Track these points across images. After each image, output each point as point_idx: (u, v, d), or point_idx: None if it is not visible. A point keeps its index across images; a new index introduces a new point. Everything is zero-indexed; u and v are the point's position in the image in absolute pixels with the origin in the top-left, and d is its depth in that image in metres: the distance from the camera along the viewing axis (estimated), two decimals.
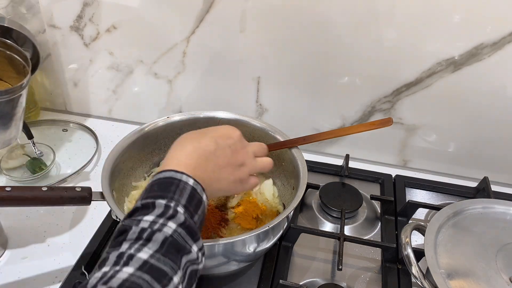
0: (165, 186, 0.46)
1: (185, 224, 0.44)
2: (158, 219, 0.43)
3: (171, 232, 0.42)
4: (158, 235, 0.41)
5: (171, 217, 0.43)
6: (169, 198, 0.45)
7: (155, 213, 0.43)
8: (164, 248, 0.41)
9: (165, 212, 0.44)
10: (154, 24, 0.88)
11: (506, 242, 0.62)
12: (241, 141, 0.57)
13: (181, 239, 0.43)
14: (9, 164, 0.88)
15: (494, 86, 0.80)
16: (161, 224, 0.42)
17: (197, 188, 0.48)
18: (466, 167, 0.93)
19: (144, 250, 0.40)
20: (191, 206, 0.46)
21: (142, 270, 0.38)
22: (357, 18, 0.78)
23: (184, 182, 0.47)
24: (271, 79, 0.90)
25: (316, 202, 0.83)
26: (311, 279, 0.70)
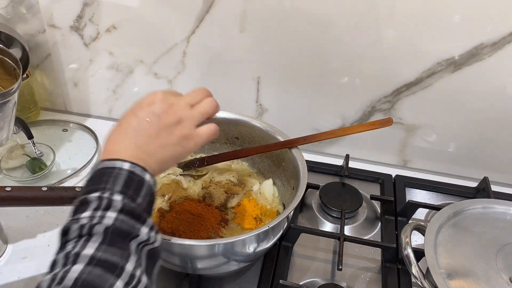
0: (97, 178, 0.45)
1: (126, 209, 0.43)
2: (95, 213, 0.42)
3: (111, 222, 0.42)
4: (98, 227, 0.41)
5: (107, 207, 0.43)
6: (101, 190, 0.44)
7: (91, 208, 0.43)
8: (108, 238, 0.41)
9: (99, 204, 0.43)
10: (154, 24, 0.88)
11: (506, 242, 0.62)
12: (166, 100, 0.52)
13: (124, 225, 0.42)
14: (9, 164, 0.88)
15: (494, 86, 0.80)
16: (99, 216, 0.42)
17: (135, 170, 0.46)
18: (466, 167, 0.93)
19: (88, 246, 0.40)
20: (130, 190, 0.45)
21: (91, 265, 0.38)
22: (357, 18, 0.78)
23: (119, 168, 0.45)
24: (271, 79, 0.90)
25: (316, 202, 0.83)
26: (311, 279, 0.70)
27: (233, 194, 0.74)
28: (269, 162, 0.79)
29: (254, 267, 0.71)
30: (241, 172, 0.81)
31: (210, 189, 0.75)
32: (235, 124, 0.79)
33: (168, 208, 0.71)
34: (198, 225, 0.67)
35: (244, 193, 0.76)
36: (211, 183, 0.77)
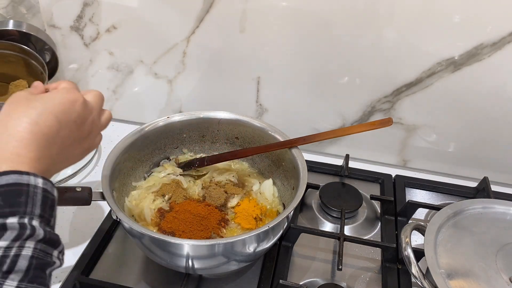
0: (13, 198, 0.38)
1: (46, 238, 0.39)
2: (14, 243, 0.37)
3: (31, 253, 0.37)
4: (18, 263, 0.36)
5: (28, 237, 0.38)
6: (21, 214, 0.38)
7: (9, 237, 0.37)
8: (30, 274, 0.37)
9: (21, 234, 0.37)
10: (154, 24, 0.88)
11: (506, 242, 0.62)
12: (85, 109, 0.48)
13: (43, 254, 0.39)
14: None
15: (494, 86, 0.80)
16: (18, 247, 0.37)
17: (47, 187, 0.41)
18: (466, 167, 0.93)
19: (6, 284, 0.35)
20: (46, 212, 0.40)
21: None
22: (357, 18, 0.78)
23: (34, 186, 0.40)
24: (271, 79, 0.90)
25: (316, 202, 0.83)
26: (311, 279, 0.70)
27: (233, 194, 0.74)
28: (269, 162, 0.79)
29: (254, 267, 0.71)
30: (241, 172, 0.81)
31: (210, 189, 0.75)
32: (235, 124, 0.79)
33: (168, 208, 0.71)
34: (198, 225, 0.67)
35: (244, 193, 0.76)
36: (211, 183, 0.77)
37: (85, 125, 0.48)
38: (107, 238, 0.74)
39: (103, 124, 0.52)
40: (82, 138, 0.48)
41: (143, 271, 0.70)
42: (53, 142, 0.44)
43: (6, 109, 0.44)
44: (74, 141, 0.47)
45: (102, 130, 0.53)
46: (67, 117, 0.45)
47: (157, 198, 0.73)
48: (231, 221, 0.70)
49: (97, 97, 0.51)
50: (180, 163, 0.80)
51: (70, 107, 0.46)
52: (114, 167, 0.67)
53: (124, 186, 0.72)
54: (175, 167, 0.79)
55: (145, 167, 0.78)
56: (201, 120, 0.79)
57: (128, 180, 0.74)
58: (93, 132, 0.50)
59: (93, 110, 0.50)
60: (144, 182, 0.77)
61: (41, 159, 0.42)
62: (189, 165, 0.79)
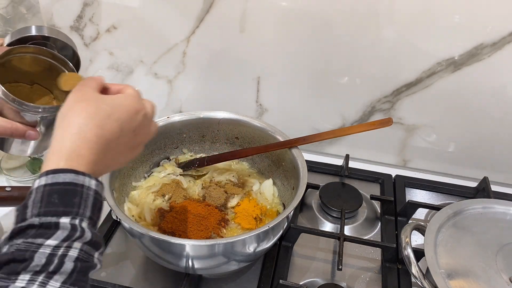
0: (68, 198, 0.39)
1: (92, 240, 0.39)
2: (63, 243, 0.37)
3: (76, 254, 0.38)
4: (66, 265, 0.36)
5: (77, 238, 0.38)
6: (73, 214, 0.39)
7: (60, 237, 0.37)
8: (73, 277, 0.37)
9: (71, 235, 0.38)
10: (154, 24, 0.88)
11: (506, 242, 0.62)
12: (145, 120, 0.48)
13: (86, 256, 0.39)
14: (9, 164, 0.88)
15: (494, 86, 0.80)
16: (65, 247, 0.37)
17: (98, 190, 0.42)
18: (466, 167, 0.93)
19: (50, 285, 0.35)
20: (95, 214, 0.41)
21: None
22: (357, 18, 0.78)
23: (87, 188, 0.41)
24: (271, 79, 0.90)
25: (316, 202, 0.83)
26: (311, 279, 0.70)
27: (233, 194, 0.74)
28: (269, 162, 0.79)
29: (254, 267, 0.71)
30: (241, 172, 0.81)
31: (210, 189, 0.75)
32: (235, 124, 0.79)
33: (168, 208, 0.71)
34: (198, 225, 0.67)
35: (244, 193, 0.76)
36: (211, 183, 0.77)
37: (140, 135, 0.48)
38: (107, 238, 0.74)
39: (150, 135, 0.52)
40: (134, 146, 0.49)
41: (143, 271, 0.70)
42: (112, 148, 0.44)
43: (73, 105, 0.44)
44: (128, 148, 0.47)
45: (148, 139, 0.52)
46: (128, 125, 0.46)
47: (157, 198, 0.73)
48: (231, 221, 0.70)
49: (154, 108, 0.51)
50: (180, 163, 0.80)
51: (133, 116, 0.46)
52: None
53: (124, 186, 0.72)
54: (175, 167, 0.79)
55: (145, 167, 0.78)
56: (201, 120, 0.79)
57: (128, 180, 0.74)
58: (142, 142, 0.50)
59: (150, 122, 0.50)
60: (144, 182, 0.77)
61: (98, 162, 0.43)
62: (189, 165, 0.79)
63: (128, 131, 0.46)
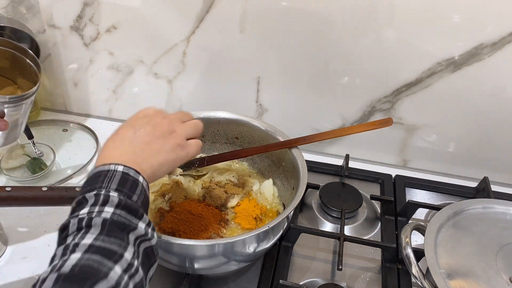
0: (93, 180, 0.47)
1: (122, 204, 0.44)
2: (93, 208, 0.43)
3: (109, 216, 0.43)
4: (96, 220, 0.42)
5: (104, 203, 0.44)
6: (98, 188, 0.45)
7: (89, 204, 0.44)
8: (106, 229, 0.42)
9: (97, 200, 0.44)
10: (154, 24, 0.88)
11: (506, 242, 0.62)
12: (159, 114, 0.57)
13: (122, 218, 0.44)
14: (9, 164, 0.88)
15: (494, 86, 0.80)
16: (97, 211, 0.43)
17: (129, 172, 0.48)
18: (466, 167, 0.93)
19: (87, 237, 0.41)
20: (125, 188, 0.46)
21: (89, 252, 0.39)
22: (357, 18, 0.78)
23: (113, 171, 0.47)
24: (271, 79, 0.90)
25: (316, 202, 0.83)
26: (311, 279, 0.70)
27: (233, 194, 0.74)
28: (269, 162, 0.79)
29: (254, 267, 0.71)
30: (241, 172, 0.81)
31: (210, 189, 0.75)
32: (235, 124, 0.79)
33: (168, 208, 0.71)
34: (198, 225, 0.67)
35: (244, 193, 0.76)
36: (211, 183, 0.77)
37: (162, 124, 0.55)
38: None
39: (188, 127, 0.58)
40: (163, 135, 0.54)
41: None
42: (132, 141, 0.52)
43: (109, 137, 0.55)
44: (155, 138, 0.54)
45: (189, 133, 0.58)
46: (139, 121, 0.55)
47: (157, 198, 0.73)
48: (231, 221, 0.70)
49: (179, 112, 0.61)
50: None
51: (143, 115, 0.57)
52: None
53: None
54: None
55: None
56: (201, 120, 0.78)
57: None
58: (175, 130, 0.56)
59: (170, 115, 0.58)
60: None
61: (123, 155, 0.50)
62: (189, 165, 0.79)
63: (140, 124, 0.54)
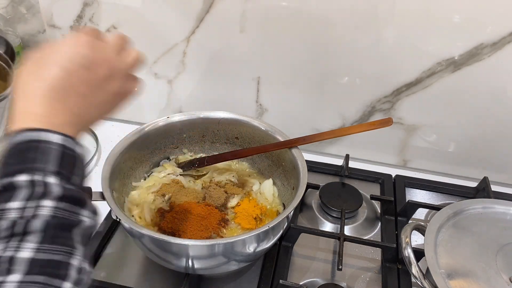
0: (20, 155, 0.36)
1: (63, 195, 0.36)
2: (27, 203, 0.34)
3: (51, 213, 0.35)
4: (35, 223, 0.34)
5: (43, 195, 0.35)
6: (30, 171, 0.35)
7: (21, 196, 0.34)
8: (48, 235, 0.34)
9: (33, 192, 0.35)
10: (154, 24, 0.88)
11: (506, 242, 0.62)
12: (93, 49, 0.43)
13: (66, 213, 0.36)
14: None
15: (494, 86, 0.80)
16: (34, 208, 0.34)
17: (66, 144, 0.38)
18: (466, 167, 0.93)
19: (25, 248, 0.33)
20: (65, 168, 0.37)
21: (31, 273, 0.32)
22: (357, 18, 0.78)
23: (45, 141, 0.37)
24: (271, 79, 0.90)
25: (316, 202, 0.83)
26: (311, 279, 0.70)
27: (233, 194, 0.74)
28: (269, 162, 0.79)
29: (254, 267, 0.71)
30: (241, 172, 0.80)
31: (210, 189, 0.75)
32: (235, 124, 0.79)
33: (168, 208, 0.71)
34: (198, 225, 0.67)
35: (244, 193, 0.76)
36: (211, 183, 0.77)
37: (99, 66, 0.43)
38: (107, 238, 0.74)
39: (127, 63, 0.47)
40: (100, 81, 0.43)
41: (143, 271, 0.70)
42: (65, 93, 0.40)
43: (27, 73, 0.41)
44: (92, 86, 0.42)
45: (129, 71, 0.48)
46: (72, 63, 0.41)
47: (157, 198, 0.73)
48: (231, 221, 0.70)
49: (113, 36, 0.47)
50: (180, 163, 0.80)
51: (74, 51, 0.42)
52: (114, 167, 0.67)
53: (124, 186, 0.72)
54: (175, 167, 0.79)
55: (145, 167, 0.78)
56: (201, 120, 0.79)
57: (128, 180, 0.74)
58: (114, 73, 0.45)
59: (106, 49, 0.45)
60: (144, 182, 0.77)
61: (57, 113, 0.39)
62: (189, 165, 0.79)
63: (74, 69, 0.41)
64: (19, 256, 0.32)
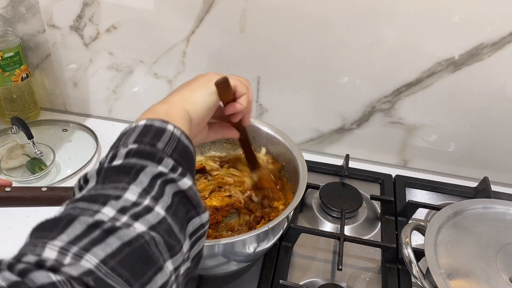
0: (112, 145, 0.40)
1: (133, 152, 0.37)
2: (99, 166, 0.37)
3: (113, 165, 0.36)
4: (91, 171, 0.36)
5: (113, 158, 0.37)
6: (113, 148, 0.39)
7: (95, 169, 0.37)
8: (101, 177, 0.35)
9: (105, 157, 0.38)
10: (154, 24, 0.88)
11: (506, 242, 0.62)
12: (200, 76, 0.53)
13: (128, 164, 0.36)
14: (9, 164, 0.88)
15: (494, 86, 0.80)
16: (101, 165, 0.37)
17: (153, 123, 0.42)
18: (466, 167, 0.93)
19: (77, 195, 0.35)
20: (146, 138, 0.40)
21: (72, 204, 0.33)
22: (357, 18, 0.78)
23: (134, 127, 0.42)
24: (271, 79, 0.90)
25: (316, 202, 0.83)
26: (311, 279, 0.70)
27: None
28: None
29: (254, 267, 0.71)
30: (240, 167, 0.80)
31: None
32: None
33: None
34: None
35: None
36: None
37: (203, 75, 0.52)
38: None
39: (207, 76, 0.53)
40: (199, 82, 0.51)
41: None
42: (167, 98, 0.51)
43: None
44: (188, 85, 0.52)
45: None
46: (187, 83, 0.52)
47: None
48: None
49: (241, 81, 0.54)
50: None
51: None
52: None
53: None
54: None
55: None
56: None
57: None
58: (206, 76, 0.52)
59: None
60: None
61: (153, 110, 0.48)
62: None
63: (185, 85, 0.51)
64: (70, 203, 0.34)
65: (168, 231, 0.32)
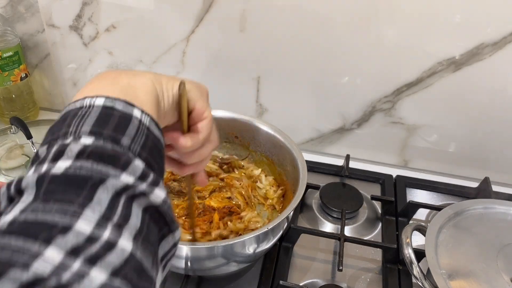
0: (57, 127, 0.32)
1: (88, 151, 0.29)
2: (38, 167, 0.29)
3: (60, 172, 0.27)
4: (29, 179, 0.28)
5: (57, 156, 0.29)
6: (59, 137, 0.31)
7: (35, 163, 0.30)
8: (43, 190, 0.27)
9: (47, 154, 0.29)
10: (153, 24, 0.88)
11: (507, 243, 0.62)
12: None
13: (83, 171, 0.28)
14: (8, 164, 0.88)
15: (495, 86, 0.80)
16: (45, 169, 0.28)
17: (114, 105, 0.33)
18: (467, 167, 0.92)
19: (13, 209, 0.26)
20: (107, 128, 0.31)
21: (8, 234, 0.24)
22: (357, 18, 0.78)
23: (87, 107, 0.34)
24: (271, 79, 0.90)
25: (316, 203, 0.83)
26: (311, 279, 0.70)
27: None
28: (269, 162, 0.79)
29: (254, 268, 0.70)
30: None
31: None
32: (234, 123, 0.79)
33: None
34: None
35: None
36: None
37: None
38: None
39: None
40: None
41: None
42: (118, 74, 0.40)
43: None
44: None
45: None
46: None
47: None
48: None
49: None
50: None
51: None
52: None
53: None
54: None
55: None
56: None
57: None
58: None
59: None
60: None
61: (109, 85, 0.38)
62: None
63: None
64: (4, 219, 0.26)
65: (138, 271, 0.25)
